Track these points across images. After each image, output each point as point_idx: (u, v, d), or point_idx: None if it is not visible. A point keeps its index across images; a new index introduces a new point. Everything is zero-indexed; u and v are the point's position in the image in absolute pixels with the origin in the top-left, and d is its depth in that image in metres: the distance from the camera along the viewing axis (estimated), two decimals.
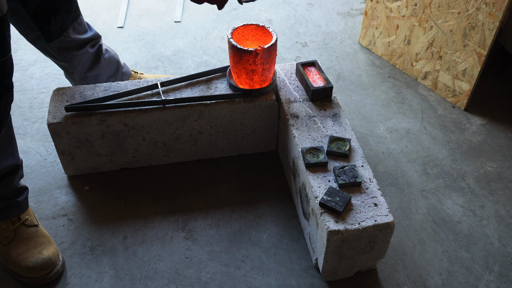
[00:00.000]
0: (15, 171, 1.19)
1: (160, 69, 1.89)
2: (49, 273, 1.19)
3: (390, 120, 1.69)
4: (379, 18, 1.90)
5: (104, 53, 1.55)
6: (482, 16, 1.54)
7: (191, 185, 1.45)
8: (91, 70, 1.52)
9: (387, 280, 1.23)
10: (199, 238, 1.31)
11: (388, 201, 1.42)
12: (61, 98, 1.39)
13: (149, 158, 1.47)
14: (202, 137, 1.45)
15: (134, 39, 2.04)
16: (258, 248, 1.29)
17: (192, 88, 1.43)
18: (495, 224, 1.37)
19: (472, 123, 1.69)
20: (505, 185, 1.48)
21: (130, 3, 2.25)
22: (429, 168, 1.52)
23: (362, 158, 1.25)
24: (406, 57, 1.86)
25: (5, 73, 1.03)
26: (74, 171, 1.45)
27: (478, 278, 1.24)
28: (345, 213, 1.12)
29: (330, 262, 1.16)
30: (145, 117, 1.36)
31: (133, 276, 1.22)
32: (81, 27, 1.48)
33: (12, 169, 1.18)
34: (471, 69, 1.64)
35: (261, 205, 1.40)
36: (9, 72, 1.04)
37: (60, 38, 1.42)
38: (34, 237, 1.22)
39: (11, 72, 1.05)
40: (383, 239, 1.14)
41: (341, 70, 1.91)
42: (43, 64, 1.89)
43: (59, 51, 1.45)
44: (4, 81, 1.04)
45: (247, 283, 1.22)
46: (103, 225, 1.34)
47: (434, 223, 1.37)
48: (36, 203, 1.38)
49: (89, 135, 1.36)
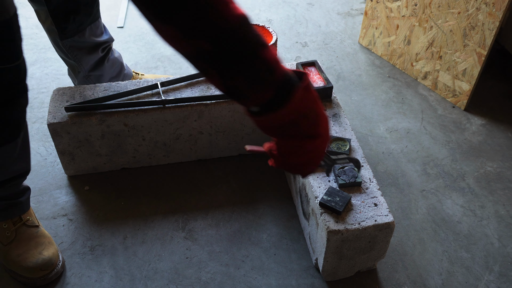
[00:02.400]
0: (25, 175, 1.19)
1: (160, 69, 1.89)
2: (49, 274, 1.19)
3: (390, 120, 1.69)
4: (379, 18, 1.90)
5: (109, 55, 1.55)
6: (482, 16, 1.54)
7: (191, 185, 1.45)
8: (95, 70, 1.53)
9: (387, 280, 1.23)
10: (199, 238, 1.31)
11: (388, 201, 1.42)
12: (61, 98, 1.39)
13: (149, 158, 1.47)
14: (202, 137, 1.45)
15: (134, 39, 2.04)
16: (258, 248, 1.29)
17: (192, 88, 1.43)
18: (495, 224, 1.37)
19: (472, 123, 1.69)
20: (505, 185, 1.48)
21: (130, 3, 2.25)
22: (429, 168, 1.52)
23: (362, 158, 1.25)
24: (406, 57, 1.86)
25: (19, 77, 1.01)
26: (74, 171, 1.45)
27: (478, 278, 1.24)
28: (345, 213, 1.12)
29: (330, 262, 1.16)
30: (145, 117, 1.36)
31: (133, 276, 1.22)
32: (98, 30, 1.48)
33: (22, 173, 1.18)
34: (471, 69, 1.64)
35: (261, 205, 1.40)
36: (23, 75, 1.03)
37: (75, 37, 1.43)
38: (35, 237, 1.22)
39: (25, 75, 1.03)
40: (383, 239, 1.14)
41: (341, 70, 1.91)
42: (43, 64, 1.89)
43: (71, 49, 1.45)
44: (19, 84, 1.02)
45: (247, 283, 1.22)
46: (103, 225, 1.34)
47: (434, 223, 1.37)
48: (36, 203, 1.38)
49: (89, 135, 1.36)
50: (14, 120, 1.06)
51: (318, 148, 0.83)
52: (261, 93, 0.71)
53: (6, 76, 0.98)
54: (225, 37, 0.66)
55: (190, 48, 0.67)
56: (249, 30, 0.68)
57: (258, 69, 0.69)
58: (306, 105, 0.75)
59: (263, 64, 0.69)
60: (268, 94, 0.72)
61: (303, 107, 0.75)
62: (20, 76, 1.02)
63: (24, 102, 1.07)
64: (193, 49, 0.67)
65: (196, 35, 0.65)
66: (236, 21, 0.66)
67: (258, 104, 0.73)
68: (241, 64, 0.68)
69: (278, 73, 0.71)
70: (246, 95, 0.72)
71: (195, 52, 0.68)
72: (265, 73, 0.70)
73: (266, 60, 0.69)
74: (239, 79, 0.69)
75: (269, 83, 0.71)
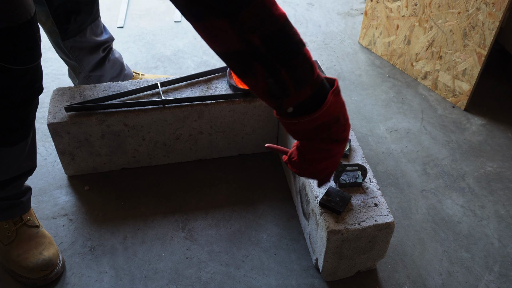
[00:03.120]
0: (29, 173, 1.19)
1: (160, 69, 1.89)
2: (49, 274, 1.19)
3: (390, 120, 1.69)
4: (379, 18, 1.90)
5: (110, 55, 1.55)
6: (482, 16, 1.54)
7: (191, 185, 1.45)
8: (95, 70, 1.53)
9: (387, 280, 1.23)
10: (199, 238, 1.31)
11: (388, 201, 1.42)
12: (61, 98, 1.39)
13: (149, 158, 1.47)
14: (202, 137, 1.45)
15: (134, 39, 2.04)
16: (258, 248, 1.29)
17: (192, 88, 1.43)
18: (495, 224, 1.37)
19: (472, 123, 1.69)
20: (505, 185, 1.48)
21: (130, 3, 2.25)
22: (429, 168, 1.52)
23: (362, 158, 1.25)
24: (406, 57, 1.86)
25: (37, 77, 1.03)
26: (74, 171, 1.45)
27: (478, 278, 1.24)
28: (345, 213, 1.12)
29: (330, 262, 1.16)
30: (145, 117, 1.36)
31: (133, 276, 1.22)
32: (98, 29, 1.49)
33: (28, 170, 1.18)
34: (471, 69, 1.64)
35: (261, 205, 1.40)
36: (40, 75, 1.05)
37: (76, 37, 1.43)
38: (35, 237, 1.22)
39: (42, 75, 1.05)
40: (383, 239, 1.14)
41: (341, 70, 1.91)
42: (43, 64, 1.89)
43: (72, 49, 1.45)
44: (36, 84, 1.04)
45: (247, 283, 1.22)
46: (103, 225, 1.34)
47: (434, 223, 1.37)
48: (36, 203, 1.38)
49: (89, 135, 1.36)
50: (29, 120, 1.08)
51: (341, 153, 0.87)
52: (302, 91, 0.75)
53: (26, 76, 0.99)
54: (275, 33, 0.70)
55: (239, 44, 0.71)
56: (293, 28, 0.73)
57: (301, 64, 0.73)
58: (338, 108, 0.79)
59: (305, 60, 0.73)
60: (307, 93, 0.75)
61: (335, 111, 0.78)
62: (37, 77, 1.04)
63: (37, 102, 1.09)
64: (242, 44, 0.70)
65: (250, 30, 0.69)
66: (283, 18, 0.71)
67: (295, 104, 0.76)
68: (287, 60, 0.72)
69: (316, 71, 0.75)
70: (288, 92, 0.75)
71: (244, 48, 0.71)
72: (307, 69, 0.74)
73: (307, 57, 0.74)
74: (284, 74, 0.73)
75: (309, 81, 0.74)
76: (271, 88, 0.75)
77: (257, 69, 0.73)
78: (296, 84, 0.74)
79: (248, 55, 0.72)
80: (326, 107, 0.76)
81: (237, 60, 0.74)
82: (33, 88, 1.03)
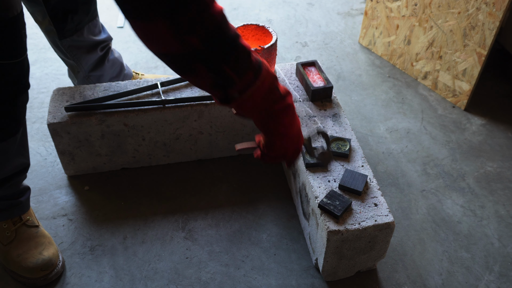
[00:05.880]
0: (24, 171, 1.20)
1: (160, 69, 1.89)
2: (49, 274, 1.19)
3: (390, 120, 1.69)
4: (379, 18, 1.90)
5: (109, 55, 1.55)
6: (482, 16, 1.54)
7: (191, 185, 1.45)
8: (95, 70, 1.53)
9: (387, 280, 1.23)
10: (199, 238, 1.31)
11: (388, 201, 1.42)
12: (61, 98, 1.39)
13: (149, 158, 1.47)
14: (202, 137, 1.45)
15: (134, 39, 2.04)
16: (258, 248, 1.29)
17: (192, 88, 1.43)
18: (495, 224, 1.37)
19: (472, 123, 1.69)
20: (505, 185, 1.48)
21: None
22: (429, 168, 1.52)
23: (362, 158, 1.25)
24: (406, 57, 1.86)
25: (22, 73, 1.05)
26: (74, 171, 1.45)
27: (478, 278, 1.24)
28: (345, 213, 1.12)
29: (330, 262, 1.16)
30: (145, 117, 1.36)
31: (133, 276, 1.22)
32: (96, 29, 1.48)
33: (22, 169, 1.18)
34: (471, 69, 1.64)
35: (261, 205, 1.40)
36: (25, 72, 1.06)
37: (73, 36, 1.43)
38: (35, 237, 1.22)
39: (28, 72, 1.07)
40: (383, 239, 1.14)
41: (341, 70, 1.91)
42: (43, 64, 1.89)
43: (70, 49, 1.45)
44: (21, 81, 1.06)
45: (247, 283, 1.22)
46: (103, 225, 1.34)
47: (434, 223, 1.37)
48: (36, 203, 1.38)
49: (89, 135, 1.36)
50: (16, 116, 1.09)
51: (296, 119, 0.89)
52: (244, 77, 0.78)
53: (11, 72, 1.02)
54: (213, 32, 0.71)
55: (178, 46, 0.70)
56: (228, 23, 0.74)
57: (241, 56, 0.76)
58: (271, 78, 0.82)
59: (243, 51, 0.76)
60: (249, 77, 0.78)
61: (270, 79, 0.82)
62: (23, 73, 1.05)
63: (25, 98, 1.10)
64: (181, 46, 0.70)
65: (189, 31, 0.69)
66: (220, 15, 0.72)
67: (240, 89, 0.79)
68: (227, 54, 0.74)
69: (253, 56, 0.79)
70: (231, 82, 0.77)
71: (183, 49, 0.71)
72: (246, 58, 0.77)
73: (245, 47, 0.76)
74: (225, 68, 0.75)
75: (249, 67, 0.77)
76: (215, 81, 0.77)
77: (198, 67, 0.74)
78: (238, 73, 0.76)
79: (188, 56, 0.72)
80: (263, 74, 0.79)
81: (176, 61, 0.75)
82: (19, 84, 1.05)
